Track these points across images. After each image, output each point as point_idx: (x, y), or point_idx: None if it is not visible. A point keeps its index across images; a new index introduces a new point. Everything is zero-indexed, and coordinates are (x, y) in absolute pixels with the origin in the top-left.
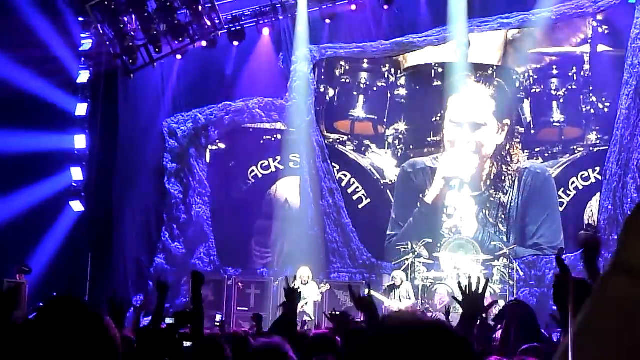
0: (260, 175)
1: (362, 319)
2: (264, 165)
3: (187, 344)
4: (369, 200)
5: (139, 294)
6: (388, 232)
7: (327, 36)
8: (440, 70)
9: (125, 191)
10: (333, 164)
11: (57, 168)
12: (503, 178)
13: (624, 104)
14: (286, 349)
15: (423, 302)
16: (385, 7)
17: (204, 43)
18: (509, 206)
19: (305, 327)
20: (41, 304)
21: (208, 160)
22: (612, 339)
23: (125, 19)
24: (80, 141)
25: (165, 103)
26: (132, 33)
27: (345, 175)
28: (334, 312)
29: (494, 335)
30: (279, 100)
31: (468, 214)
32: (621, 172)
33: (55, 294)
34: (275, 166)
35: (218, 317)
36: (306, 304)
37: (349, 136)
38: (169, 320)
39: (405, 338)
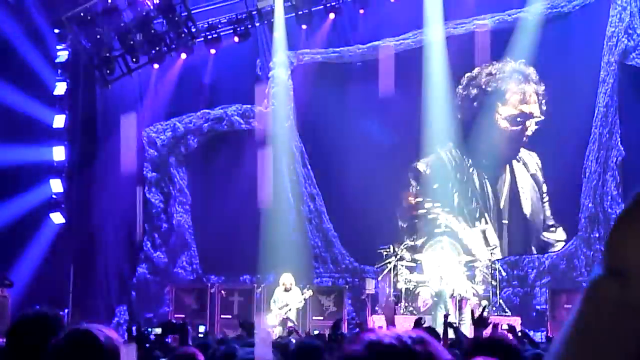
0: (241, 179)
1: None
2: (244, 169)
3: None
4: (349, 202)
5: (122, 304)
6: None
7: (303, 42)
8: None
9: (106, 202)
10: (315, 168)
11: (37, 180)
12: (485, 175)
13: (601, 102)
14: None
15: (407, 304)
16: (361, 11)
17: (183, 55)
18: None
19: (291, 332)
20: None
21: (189, 166)
22: (603, 344)
23: (102, 29)
24: (59, 153)
25: (143, 112)
26: (109, 43)
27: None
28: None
29: None
30: (258, 106)
31: (451, 213)
32: (601, 170)
33: (37, 307)
34: (256, 169)
35: (202, 328)
36: (289, 310)
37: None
38: (156, 331)
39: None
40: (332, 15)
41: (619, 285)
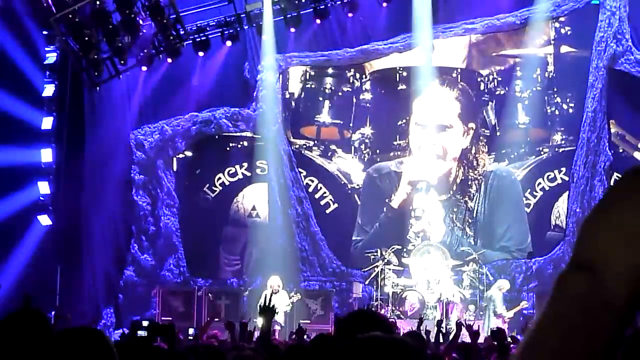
0: (227, 182)
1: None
2: (230, 172)
3: None
4: (336, 205)
5: (109, 306)
6: (354, 238)
7: (292, 45)
8: (405, 74)
9: (93, 204)
10: (300, 169)
11: (24, 182)
12: (469, 182)
13: (589, 107)
14: None
15: (394, 309)
16: (350, 14)
17: (169, 59)
18: (475, 210)
19: (277, 336)
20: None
21: (175, 169)
22: (571, 339)
23: (90, 31)
24: (46, 155)
25: (131, 115)
26: (97, 46)
27: (312, 181)
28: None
29: None
30: (246, 109)
31: (435, 217)
32: (588, 175)
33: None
34: (242, 173)
35: (191, 331)
36: (277, 313)
37: (315, 141)
38: (141, 332)
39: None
40: (320, 19)
41: (588, 280)
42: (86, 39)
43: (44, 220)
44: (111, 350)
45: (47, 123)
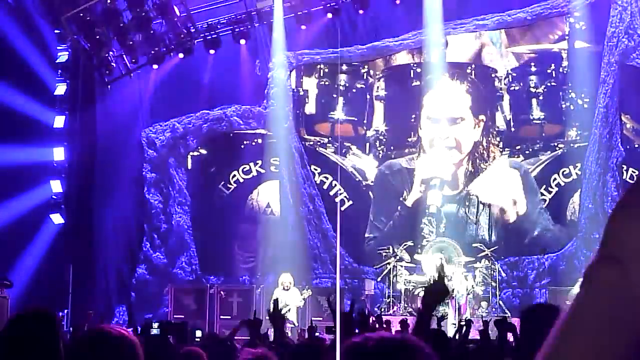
0: (241, 180)
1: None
2: (245, 169)
3: None
4: (351, 202)
5: (121, 304)
6: (366, 235)
7: (303, 42)
8: (418, 70)
9: (105, 202)
10: (314, 166)
11: (37, 181)
12: (480, 175)
13: (601, 103)
14: None
15: (406, 306)
16: (361, 11)
17: (180, 55)
18: (489, 204)
19: (289, 334)
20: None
21: (189, 166)
22: (601, 331)
23: (101, 30)
24: (59, 153)
25: (143, 113)
26: (108, 44)
27: (327, 178)
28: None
29: None
30: (257, 107)
31: (448, 213)
32: (601, 171)
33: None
34: (256, 170)
35: (198, 333)
36: (289, 310)
37: (330, 138)
38: (154, 331)
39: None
40: (330, 15)
41: (618, 272)
42: (97, 37)
43: (57, 219)
44: (55, 332)
45: (59, 122)
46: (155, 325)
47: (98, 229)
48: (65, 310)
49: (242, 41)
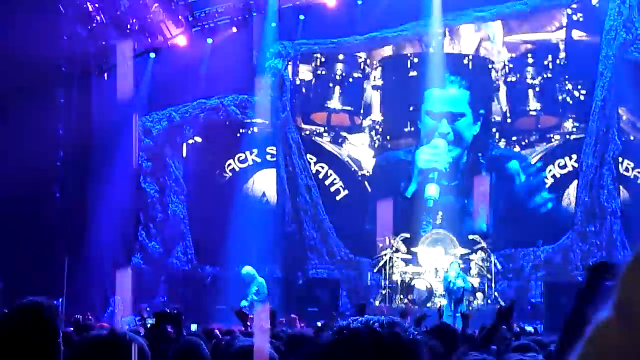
0: (237, 169)
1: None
2: (240, 158)
3: None
4: (346, 191)
5: (116, 294)
6: (366, 227)
7: (301, 32)
8: (416, 60)
9: (101, 191)
10: (310, 156)
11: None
12: (480, 168)
13: (599, 96)
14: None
15: (402, 297)
16: (359, 2)
17: (181, 38)
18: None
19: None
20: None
21: (185, 155)
22: None
23: (98, 18)
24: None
25: (139, 102)
26: (105, 32)
27: (323, 167)
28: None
29: None
30: (254, 96)
31: (446, 205)
32: (597, 163)
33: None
34: (252, 159)
35: (194, 327)
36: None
37: (326, 127)
38: (150, 321)
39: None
40: (330, 4)
41: (624, 328)
42: (94, 25)
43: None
44: (49, 325)
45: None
46: (150, 321)
47: (93, 217)
48: (60, 299)
49: (240, 30)
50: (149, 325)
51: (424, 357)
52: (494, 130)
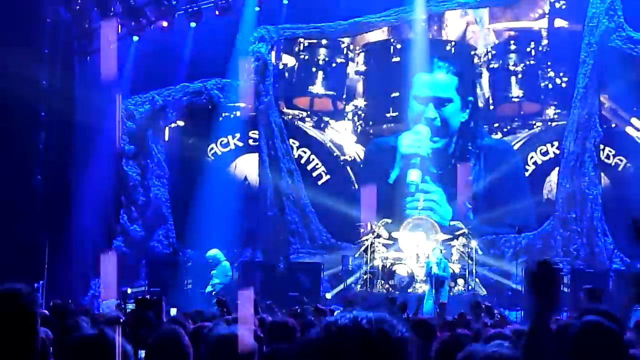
0: (219, 152)
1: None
2: (223, 142)
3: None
4: (328, 176)
5: (97, 277)
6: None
7: (285, 16)
8: (399, 46)
9: (83, 174)
10: (293, 140)
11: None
12: (468, 156)
13: (581, 83)
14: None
15: (383, 282)
16: None
17: (164, 23)
18: (474, 183)
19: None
20: None
21: (167, 138)
22: None
23: (81, 0)
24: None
25: (122, 85)
26: (88, 15)
27: (305, 152)
28: None
29: None
30: (237, 81)
31: (429, 191)
32: (579, 151)
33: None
34: (234, 143)
35: (173, 311)
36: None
37: (308, 112)
38: (130, 306)
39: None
40: None
41: None
42: (77, 7)
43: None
44: (27, 311)
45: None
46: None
47: (75, 200)
48: (41, 282)
49: (223, 14)
50: (129, 310)
51: (412, 353)
52: (480, 117)
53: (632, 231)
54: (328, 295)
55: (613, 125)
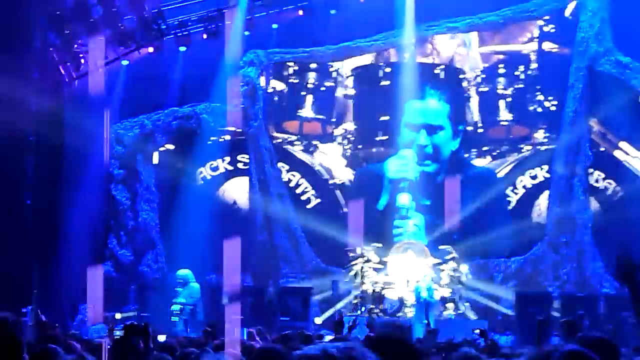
0: (208, 177)
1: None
2: (212, 166)
3: None
4: (318, 200)
5: (86, 302)
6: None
7: (275, 41)
8: (388, 70)
9: (72, 198)
10: (282, 164)
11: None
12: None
13: (570, 107)
14: None
15: (373, 307)
16: (333, 12)
17: (150, 49)
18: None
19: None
20: None
21: (156, 162)
22: None
23: (70, 24)
24: None
25: (111, 109)
26: (77, 39)
27: (294, 176)
28: None
29: None
30: (227, 105)
31: (418, 217)
32: (569, 175)
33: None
34: (224, 167)
35: (162, 338)
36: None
37: (298, 136)
38: (118, 333)
39: None
40: (303, 15)
41: None
42: (67, 32)
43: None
44: (14, 340)
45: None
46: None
47: (64, 224)
48: (29, 307)
49: (212, 38)
50: (116, 337)
51: None
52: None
53: (616, 269)
54: (318, 320)
55: (602, 149)
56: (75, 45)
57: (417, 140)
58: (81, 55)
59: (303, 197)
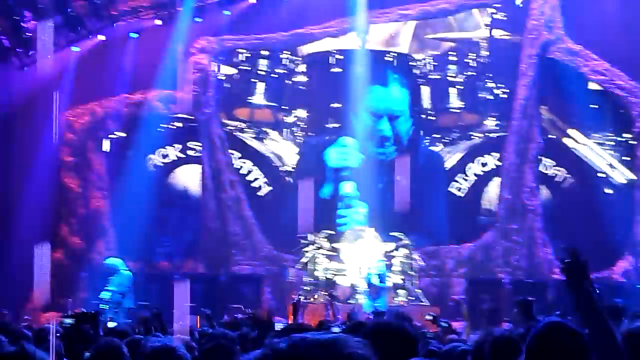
0: (160, 164)
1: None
2: (163, 153)
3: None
4: (270, 188)
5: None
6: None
7: (226, 28)
8: (340, 57)
9: (22, 186)
10: (233, 151)
11: None
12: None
13: (521, 95)
14: (181, 351)
15: (325, 293)
16: None
17: (101, 37)
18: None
19: None
20: None
21: (107, 149)
22: None
23: (20, 10)
24: None
25: (62, 96)
26: (27, 25)
27: (245, 163)
28: None
29: None
30: (179, 92)
31: (371, 202)
32: (519, 162)
33: None
34: (175, 154)
35: (111, 324)
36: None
37: (249, 123)
38: (68, 320)
39: None
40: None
41: None
42: (16, 18)
43: None
44: None
45: None
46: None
47: (14, 212)
48: None
49: (164, 24)
50: (65, 325)
51: None
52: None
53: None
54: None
55: (552, 137)
56: (25, 32)
57: (379, 126)
58: (31, 41)
59: (254, 184)
